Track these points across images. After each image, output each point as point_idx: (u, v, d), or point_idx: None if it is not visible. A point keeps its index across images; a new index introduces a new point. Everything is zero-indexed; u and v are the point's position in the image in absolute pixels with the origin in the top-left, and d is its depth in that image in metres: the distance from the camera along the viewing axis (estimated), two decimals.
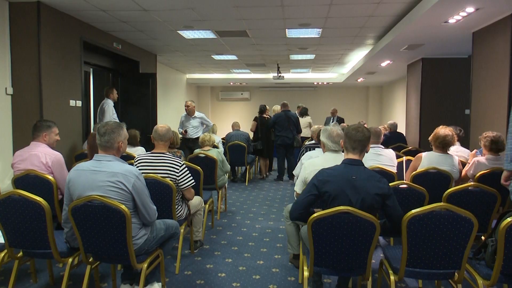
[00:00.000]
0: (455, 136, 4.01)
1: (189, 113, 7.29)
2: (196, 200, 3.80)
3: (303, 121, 9.31)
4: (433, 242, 2.28)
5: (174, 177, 3.29)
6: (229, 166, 5.46)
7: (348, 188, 2.40)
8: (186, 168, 3.38)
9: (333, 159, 2.96)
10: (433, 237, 2.27)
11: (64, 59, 5.62)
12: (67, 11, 5.54)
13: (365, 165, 3.25)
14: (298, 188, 3.13)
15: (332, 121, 10.60)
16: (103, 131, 2.53)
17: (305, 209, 2.50)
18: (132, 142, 5.03)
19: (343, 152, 2.74)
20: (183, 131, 7.26)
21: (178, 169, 3.30)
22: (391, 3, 5.16)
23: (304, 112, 9.70)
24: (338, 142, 3.10)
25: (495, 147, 3.77)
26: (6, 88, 4.98)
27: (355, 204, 2.36)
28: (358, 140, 2.52)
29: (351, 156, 2.57)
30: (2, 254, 2.77)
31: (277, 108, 8.21)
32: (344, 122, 9.89)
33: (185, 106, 7.33)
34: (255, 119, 8.27)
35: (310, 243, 2.35)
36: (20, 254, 2.78)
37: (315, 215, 2.28)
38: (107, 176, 2.44)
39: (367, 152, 2.65)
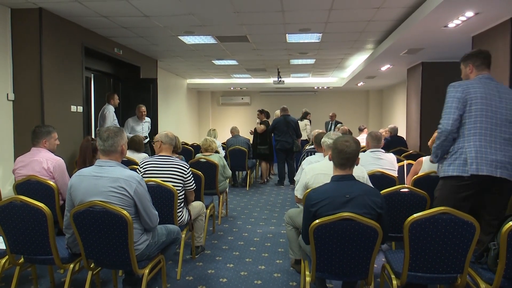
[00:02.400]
0: None
1: (142, 117, 7.03)
2: (198, 205, 3.82)
3: (300, 124, 9.44)
4: (435, 246, 2.28)
5: (182, 178, 3.41)
6: (230, 171, 5.45)
7: (344, 208, 2.29)
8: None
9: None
10: (435, 241, 2.27)
11: (65, 64, 5.64)
12: (68, 17, 5.57)
13: (366, 169, 3.26)
14: (299, 193, 3.13)
15: (331, 126, 10.65)
16: (105, 136, 2.53)
17: None
18: (136, 148, 5.03)
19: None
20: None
21: (186, 171, 3.45)
22: (391, 8, 5.18)
23: (303, 116, 9.91)
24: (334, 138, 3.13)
25: None
26: (7, 94, 4.99)
27: None
28: (346, 157, 2.41)
29: (340, 172, 2.46)
30: (3, 260, 2.77)
31: (279, 113, 8.24)
32: (340, 125, 9.98)
33: (140, 111, 6.98)
34: (265, 123, 8.25)
35: (312, 249, 2.35)
36: (21, 260, 2.77)
37: (316, 221, 2.27)
38: (109, 181, 2.45)
39: (357, 165, 2.55)
